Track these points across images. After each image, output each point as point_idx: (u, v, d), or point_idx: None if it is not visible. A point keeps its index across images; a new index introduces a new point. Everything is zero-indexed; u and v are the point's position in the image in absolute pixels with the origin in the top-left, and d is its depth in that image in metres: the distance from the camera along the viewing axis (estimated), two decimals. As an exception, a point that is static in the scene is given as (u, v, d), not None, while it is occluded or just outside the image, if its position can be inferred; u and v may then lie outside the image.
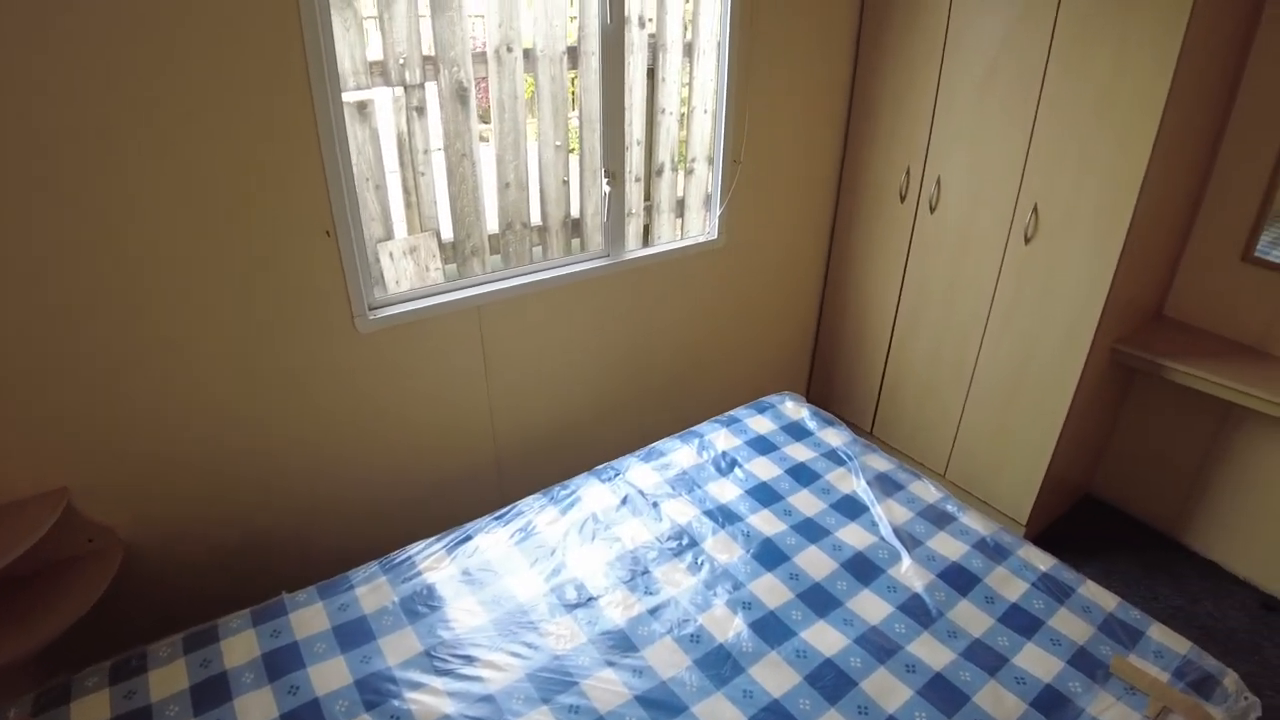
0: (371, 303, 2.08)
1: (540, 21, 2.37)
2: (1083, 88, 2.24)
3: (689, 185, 2.90)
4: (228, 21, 1.63)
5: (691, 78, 2.77)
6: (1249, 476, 2.63)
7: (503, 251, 2.54)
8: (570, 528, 1.96)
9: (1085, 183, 2.29)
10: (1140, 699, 1.59)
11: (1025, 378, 2.61)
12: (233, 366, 1.90)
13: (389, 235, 2.45)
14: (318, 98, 1.81)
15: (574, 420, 2.69)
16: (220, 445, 1.96)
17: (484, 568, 1.82)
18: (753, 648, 1.65)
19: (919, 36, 2.66)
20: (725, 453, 2.29)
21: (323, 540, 2.22)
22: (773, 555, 1.91)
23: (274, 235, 1.85)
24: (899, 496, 2.15)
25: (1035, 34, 2.32)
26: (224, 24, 1.63)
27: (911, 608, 1.78)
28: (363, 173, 2.30)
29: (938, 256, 2.81)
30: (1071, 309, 2.42)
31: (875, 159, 2.95)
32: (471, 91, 2.32)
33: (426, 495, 2.39)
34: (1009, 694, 1.58)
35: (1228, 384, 2.34)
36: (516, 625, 1.67)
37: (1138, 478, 2.96)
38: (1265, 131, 2.37)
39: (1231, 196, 2.49)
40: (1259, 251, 2.46)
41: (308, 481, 2.14)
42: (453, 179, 2.38)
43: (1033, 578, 1.89)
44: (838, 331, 3.33)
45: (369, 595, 1.73)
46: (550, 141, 2.50)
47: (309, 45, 1.75)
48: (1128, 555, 2.84)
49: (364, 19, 2.17)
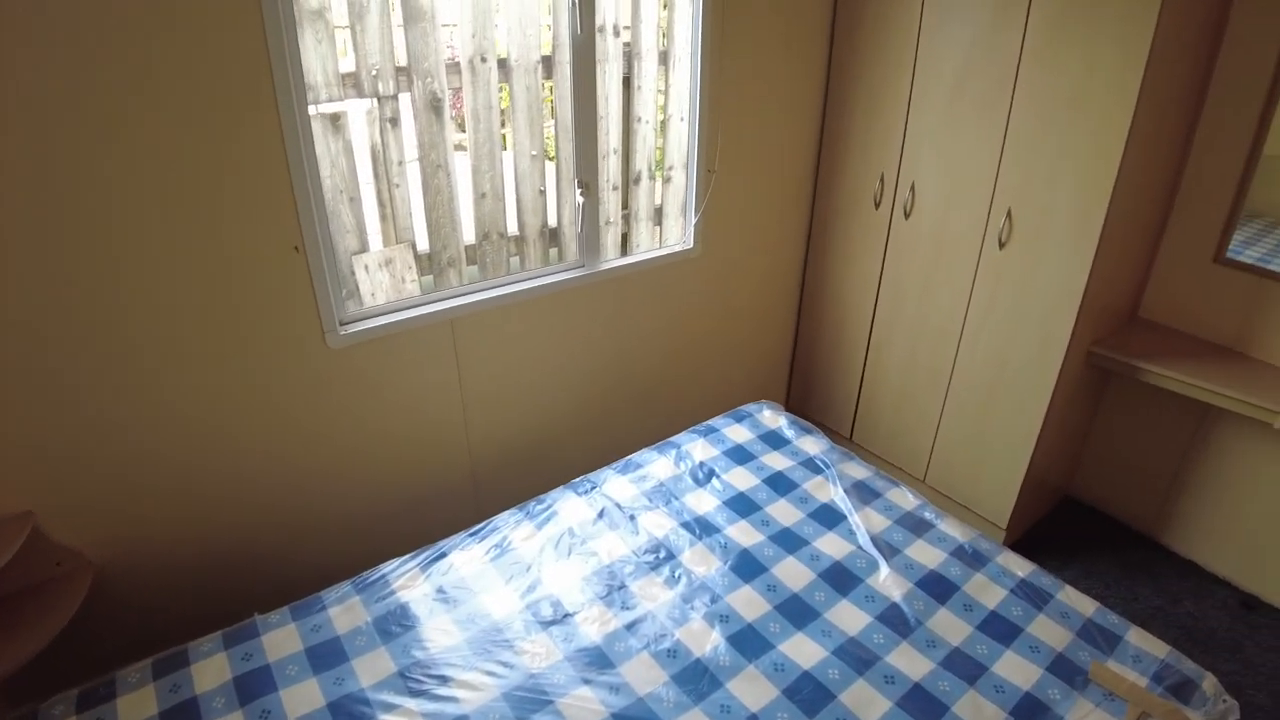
0: (343, 318, 2.06)
1: (514, 31, 2.35)
2: (1054, 91, 2.25)
3: (667, 193, 2.89)
4: (192, 38, 1.62)
5: (668, 85, 2.77)
6: (1226, 476, 2.65)
7: (480, 262, 2.52)
8: (546, 543, 1.94)
9: (1058, 186, 2.30)
10: (1119, 705, 1.59)
11: (1002, 382, 2.61)
12: (201, 385, 1.88)
13: (364, 248, 2.42)
14: (284, 113, 1.79)
15: (552, 433, 2.67)
16: (190, 464, 1.93)
17: (459, 585, 1.80)
18: (730, 661, 1.64)
19: (891, 43, 2.67)
20: (703, 463, 2.28)
21: (298, 558, 2.19)
22: (750, 567, 1.90)
23: (241, 252, 1.83)
24: (876, 504, 2.14)
25: (1006, 38, 2.33)
26: (188, 41, 1.61)
27: (890, 617, 1.78)
28: (336, 185, 2.27)
29: (913, 262, 2.81)
30: (1046, 312, 2.42)
31: (849, 165, 2.95)
32: (446, 102, 2.30)
33: (402, 511, 2.37)
34: (988, 703, 1.58)
35: (1203, 385, 2.35)
36: (491, 644, 1.65)
37: (1117, 479, 2.98)
38: (1234, 133, 2.39)
39: (1203, 198, 2.51)
40: (1231, 252, 2.48)
41: (280, 499, 2.11)
42: (428, 190, 2.36)
43: (1011, 584, 1.89)
44: (816, 339, 3.33)
45: (342, 615, 1.71)
46: (526, 151, 2.49)
47: (275, 60, 1.74)
48: (1108, 556, 2.85)
49: (335, 28, 2.15)
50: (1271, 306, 2.43)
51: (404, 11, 2.17)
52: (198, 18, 1.61)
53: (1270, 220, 2.44)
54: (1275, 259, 2.41)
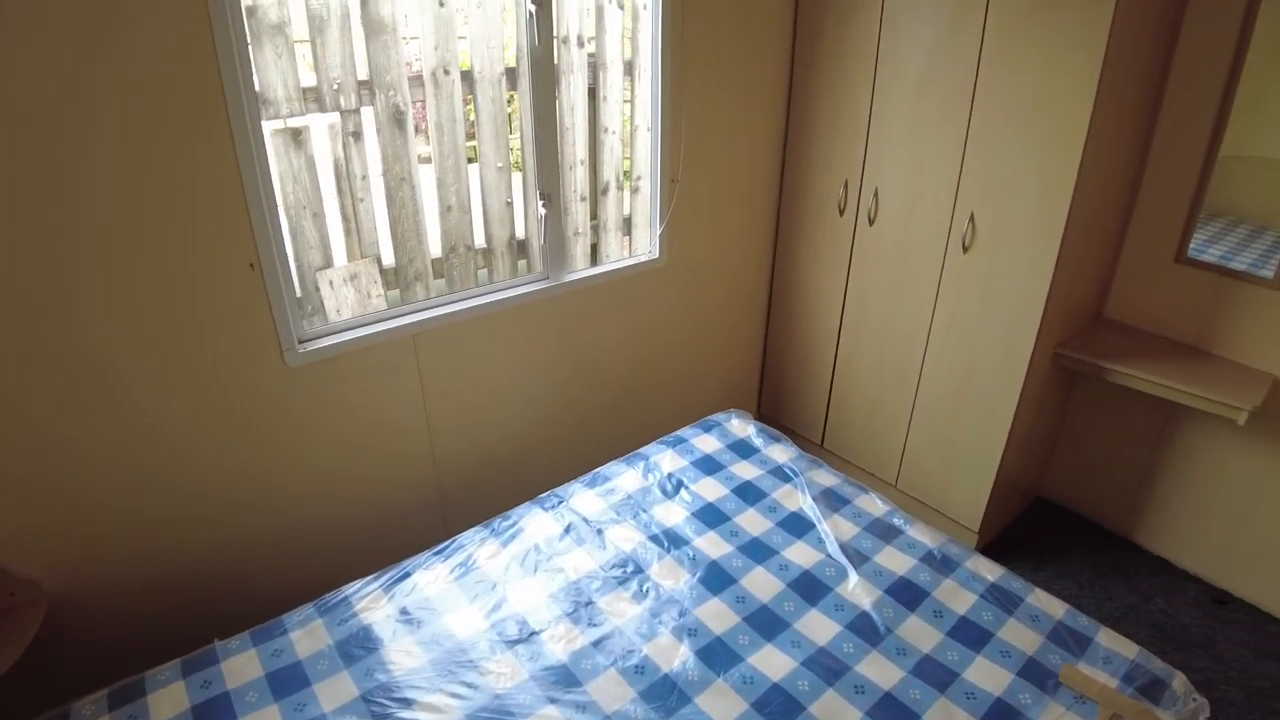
0: (301, 335, 2.03)
1: (478, 43, 2.34)
2: (1013, 95, 2.26)
3: (635, 204, 2.88)
4: (139, 53, 1.59)
5: (633, 96, 2.76)
6: (1194, 473, 2.67)
7: (447, 275, 2.50)
8: (511, 560, 1.92)
9: (1020, 189, 2.31)
10: (1091, 707, 1.59)
11: (970, 385, 2.62)
12: (156, 407, 1.84)
13: (328, 263, 2.40)
14: (237, 129, 1.76)
15: (520, 447, 2.65)
16: (147, 488, 1.89)
17: (422, 606, 1.77)
18: (699, 676, 1.62)
19: (852, 50, 2.68)
20: (671, 474, 2.27)
21: (262, 581, 2.15)
22: (719, 578, 1.88)
23: (193, 270, 1.79)
24: (845, 511, 2.14)
25: (965, 42, 2.34)
26: (135, 56, 1.58)
27: (860, 626, 1.77)
28: (299, 201, 2.25)
29: (878, 268, 2.82)
30: (1012, 315, 2.43)
31: (813, 173, 2.96)
32: (409, 115, 2.29)
33: (368, 530, 2.33)
34: (960, 710, 1.57)
35: (1168, 383, 2.37)
36: (456, 665, 1.62)
37: (1087, 479, 2.99)
38: (1191, 134, 2.42)
39: (1163, 199, 2.53)
40: (1192, 252, 2.50)
41: (242, 521, 2.07)
42: (392, 204, 2.35)
43: (981, 589, 1.89)
44: (785, 347, 3.33)
45: (304, 639, 1.67)
46: (492, 163, 2.48)
47: (226, 75, 1.71)
48: (1080, 556, 2.86)
49: (295, 42, 2.13)
50: (1233, 304, 2.45)
51: (365, 24, 2.15)
52: (145, 32, 1.59)
53: (1230, 220, 2.47)
54: (1236, 258, 2.43)
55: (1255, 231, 2.44)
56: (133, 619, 1.96)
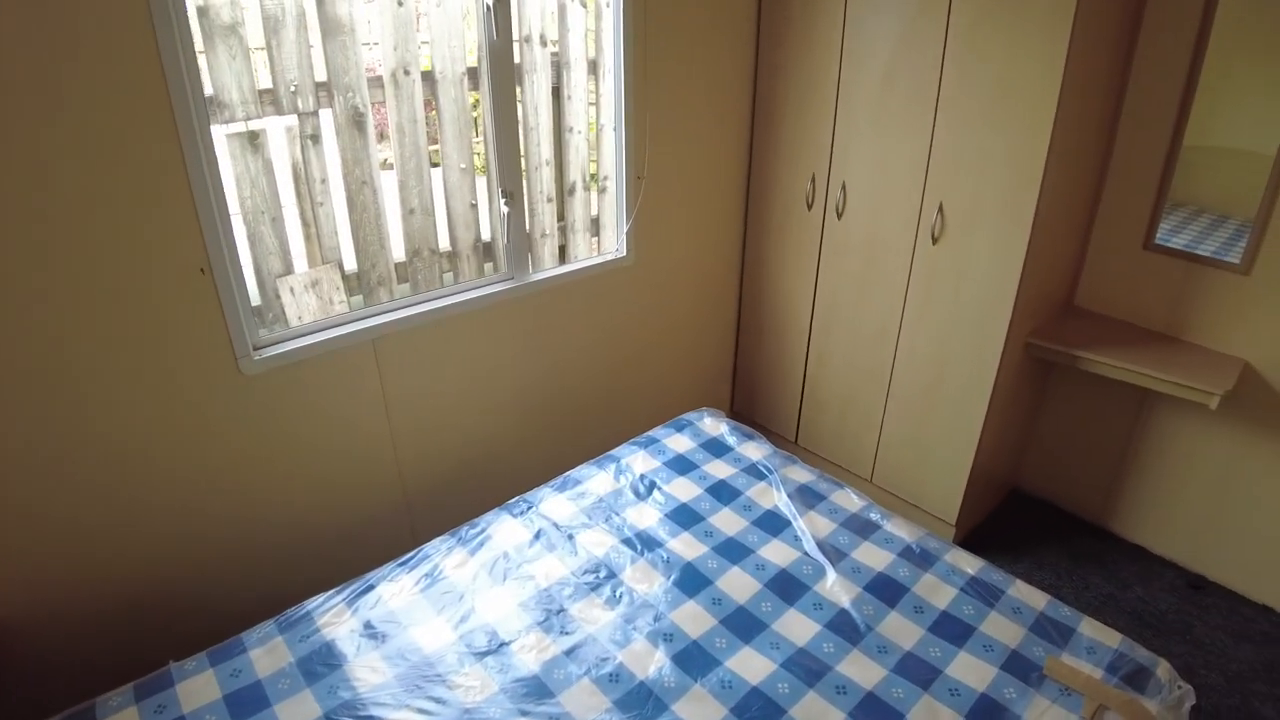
0: (256, 342, 1.97)
1: (438, 43, 2.30)
2: (979, 83, 2.26)
3: (603, 204, 2.85)
4: (79, 54, 1.52)
5: (598, 95, 2.73)
6: (1167, 459, 2.68)
7: (411, 279, 2.45)
8: (480, 569, 1.86)
9: (988, 179, 2.30)
10: (1076, 699, 1.56)
11: (943, 377, 2.61)
12: (103, 419, 1.76)
13: (289, 269, 2.34)
14: (184, 132, 1.70)
15: (488, 452, 2.59)
16: (95, 503, 1.81)
17: (387, 619, 1.71)
18: (675, 682, 1.58)
19: (817, 42, 2.66)
20: (644, 476, 2.22)
21: (219, 597, 2.07)
22: (694, 581, 1.84)
23: (141, 276, 1.72)
24: (821, 508, 2.10)
25: (929, 33, 2.33)
26: (74, 57, 1.52)
27: (839, 624, 1.73)
28: (257, 206, 2.19)
29: (848, 262, 2.80)
30: (983, 306, 2.42)
31: (780, 168, 2.94)
32: (369, 117, 2.24)
33: (333, 541, 2.26)
34: (944, 708, 1.54)
35: (1140, 370, 2.37)
36: (423, 679, 1.56)
37: (1062, 469, 2.99)
38: (1155, 123, 2.43)
39: (1129, 186, 2.54)
40: (1159, 239, 2.51)
41: (198, 535, 1.99)
42: (353, 208, 2.29)
43: (961, 582, 1.87)
44: (756, 343, 3.31)
45: (264, 658, 1.61)
46: (455, 164, 2.43)
47: (171, 77, 1.65)
48: (1058, 546, 2.85)
49: (252, 49, 2.07)
50: (1201, 290, 2.46)
51: (322, 24, 2.09)
52: (85, 32, 1.52)
53: (1195, 208, 2.48)
54: (1202, 244, 2.44)
55: (1218, 220, 2.46)
56: (82, 641, 1.88)
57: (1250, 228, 2.31)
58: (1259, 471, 2.47)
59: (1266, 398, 2.39)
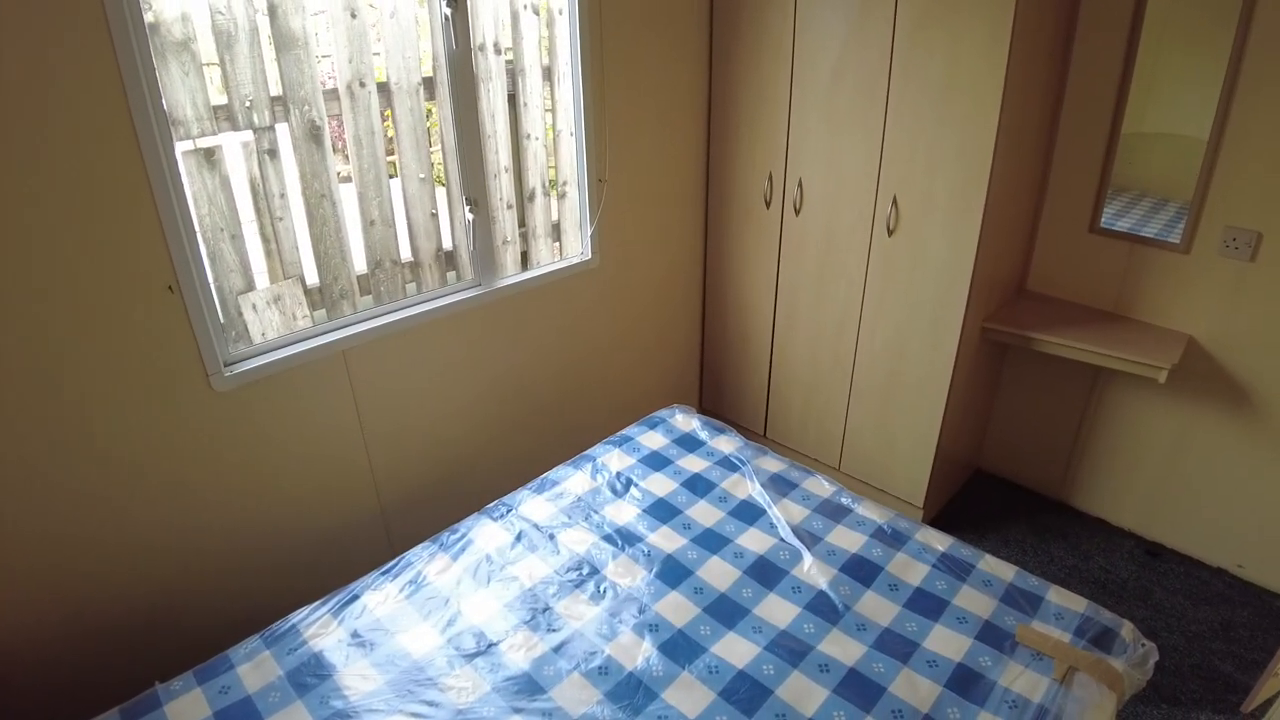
0: (227, 358, 1.96)
1: (393, 54, 2.30)
2: (927, 80, 2.33)
3: (563, 209, 2.87)
4: (38, 72, 1.51)
5: (554, 101, 2.74)
6: (1121, 433, 2.78)
7: (374, 291, 2.44)
8: (463, 573, 1.87)
9: (939, 170, 2.37)
10: (1047, 663, 1.63)
11: (903, 365, 2.68)
12: (76, 440, 1.74)
13: (250, 286, 2.31)
14: (147, 149, 1.69)
15: (464, 458, 2.60)
16: (71, 525, 1.78)
17: (374, 627, 1.71)
18: (664, 671, 1.61)
19: (768, 44, 2.72)
20: (620, 473, 2.25)
21: (202, 615, 2.05)
22: (675, 572, 1.87)
23: (110, 294, 1.71)
24: (794, 495, 2.15)
25: (876, 33, 2.40)
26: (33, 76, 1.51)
27: (818, 606, 1.78)
28: (215, 223, 2.16)
29: (807, 257, 2.86)
30: (939, 293, 2.49)
31: (738, 167, 2.99)
32: (325, 130, 2.23)
33: (312, 554, 2.25)
34: (923, 679, 1.60)
35: (1091, 349, 2.46)
36: (414, 684, 1.57)
37: (1022, 448, 3.09)
38: (1095, 112, 2.52)
39: (1074, 173, 2.63)
40: (1104, 223, 2.61)
41: (175, 555, 1.97)
42: (313, 221, 2.28)
43: (932, 559, 1.92)
44: (722, 340, 3.35)
45: (252, 673, 1.60)
46: (414, 174, 2.43)
47: (132, 94, 1.64)
48: (1022, 523, 2.94)
49: (205, 64, 2.06)
50: (1146, 269, 2.56)
51: (275, 39, 2.09)
52: (42, 51, 1.51)
53: (1138, 193, 2.58)
54: (1145, 226, 2.55)
55: (1159, 203, 2.56)
56: (64, 666, 1.85)
57: (1189, 210, 2.41)
58: (1207, 441, 2.58)
59: (1210, 369, 2.50)
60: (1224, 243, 2.36)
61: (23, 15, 1.47)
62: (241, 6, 2.01)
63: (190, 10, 1.91)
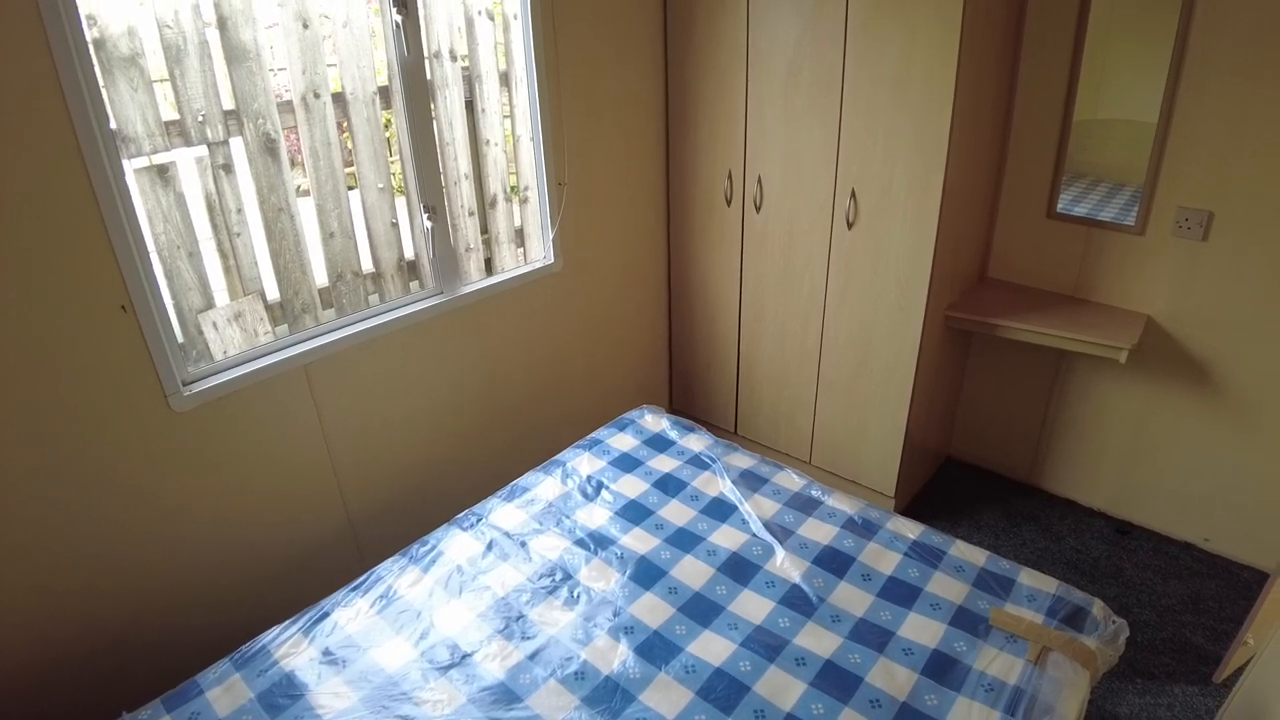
0: (185, 377, 1.92)
1: (347, 64, 2.27)
2: (880, 73, 2.34)
3: (525, 214, 2.85)
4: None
5: (513, 107, 2.73)
6: (1086, 414, 2.82)
7: (336, 304, 2.41)
8: (435, 585, 1.85)
9: (896, 162, 2.39)
10: (1021, 645, 1.65)
11: (869, 356, 2.69)
12: (33, 466, 1.70)
13: (210, 304, 2.28)
14: (93, 167, 1.65)
15: (432, 469, 2.57)
16: (30, 553, 1.74)
17: (346, 644, 1.68)
18: (640, 673, 1.60)
19: (723, 41, 2.72)
20: (590, 477, 2.24)
21: (169, 641, 2.01)
22: (649, 573, 1.87)
23: (60, 317, 1.67)
24: (765, 490, 2.16)
25: (829, 28, 2.41)
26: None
27: (792, 599, 1.78)
28: (171, 241, 2.13)
29: (769, 253, 2.87)
30: (901, 284, 2.51)
31: (698, 166, 3.00)
32: (281, 143, 2.20)
33: (280, 574, 2.21)
34: (900, 667, 1.61)
35: (1053, 333, 2.49)
36: (388, 699, 1.55)
37: (990, 434, 3.12)
38: (1047, 101, 2.56)
39: (1029, 161, 2.67)
40: (1061, 209, 2.65)
41: (142, 578, 1.93)
42: (271, 236, 2.25)
43: (904, 547, 1.94)
44: (689, 340, 3.36)
45: (222, 697, 1.57)
46: (373, 184, 2.41)
47: (75, 112, 1.61)
48: (993, 508, 2.97)
49: (154, 79, 2.02)
50: (1103, 253, 2.60)
51: (225, 52, 2.06)
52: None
53: (1093, 178, 2.63)
54: (1102, 211, 2.59)
55: (1114, 188, 2.60)
56: (26, 698, 1.80)
57: (1142, 192, 2.46)
58: (1169, 418, 2.63)
59: (1168, 347, 2.55)
60: (1177, 223, 2.41)
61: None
62: (190, 20, 1.98)
63: (137, 25, 1.87)
